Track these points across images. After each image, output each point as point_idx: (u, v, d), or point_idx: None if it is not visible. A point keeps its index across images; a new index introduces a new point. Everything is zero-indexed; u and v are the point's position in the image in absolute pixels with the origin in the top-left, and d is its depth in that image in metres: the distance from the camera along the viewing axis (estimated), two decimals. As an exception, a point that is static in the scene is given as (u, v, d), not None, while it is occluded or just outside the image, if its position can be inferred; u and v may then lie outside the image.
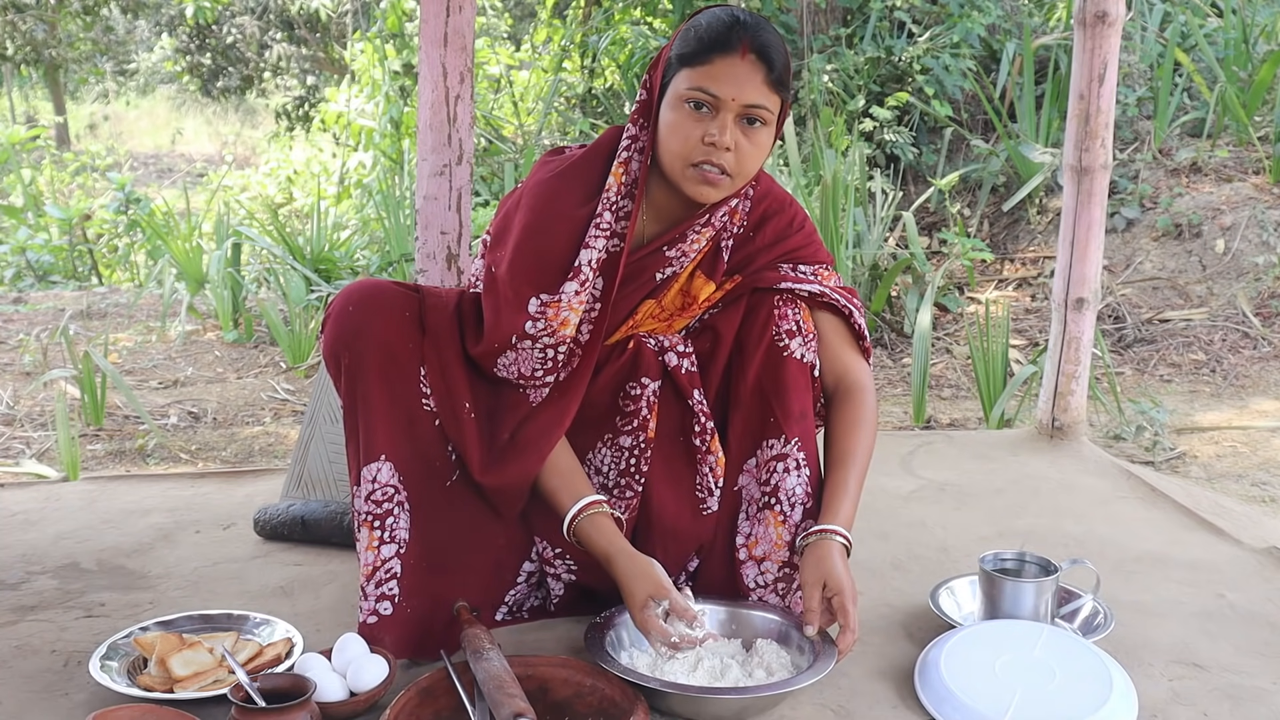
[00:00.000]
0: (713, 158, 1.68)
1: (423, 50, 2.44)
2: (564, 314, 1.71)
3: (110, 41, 13.71)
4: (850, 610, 1.66)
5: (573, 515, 1.73)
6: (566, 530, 1.74)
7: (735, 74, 1.66)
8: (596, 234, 1.72)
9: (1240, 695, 1.70)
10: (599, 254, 1.73)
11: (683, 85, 1.68)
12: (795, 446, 1.81)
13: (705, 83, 1.66)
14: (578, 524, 1.72)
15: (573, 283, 1.71)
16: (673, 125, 1.69)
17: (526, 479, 1.76)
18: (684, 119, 1.68)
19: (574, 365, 1.77)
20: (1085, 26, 2.82)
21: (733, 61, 1.66)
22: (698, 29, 1.69)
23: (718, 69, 1.66)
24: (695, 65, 1.67)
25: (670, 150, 1.70)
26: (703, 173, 1.69)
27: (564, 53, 7.55)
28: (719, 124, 1.67)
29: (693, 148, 1.68)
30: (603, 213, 1.73)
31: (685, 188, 1.71)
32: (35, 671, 1.73)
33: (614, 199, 1.73)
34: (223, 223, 5.78)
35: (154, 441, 3.51)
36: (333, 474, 2.40)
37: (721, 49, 1.66)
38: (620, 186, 1.74)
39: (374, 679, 1.60)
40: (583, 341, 1.77)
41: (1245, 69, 5.80)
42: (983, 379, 3.57)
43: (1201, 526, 2.45)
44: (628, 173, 1.75)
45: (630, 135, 1.76)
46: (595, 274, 1.73)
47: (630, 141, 1.76)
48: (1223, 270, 4.95)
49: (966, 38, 6.14)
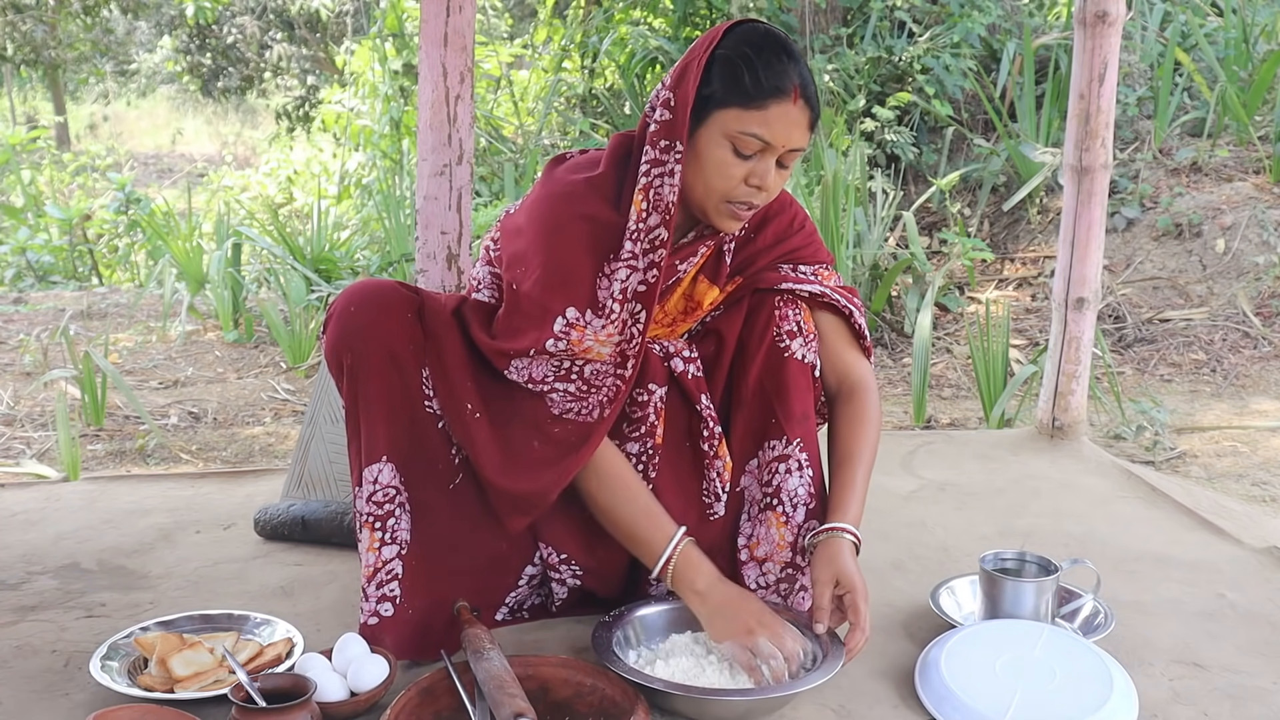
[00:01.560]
0: (752, 199, 1.68)
1: (423, 50, 2.44)
2: (587, 342, 1.68)
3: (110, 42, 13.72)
4: (862, 609, 1.66)
5: (670, 553, 1.70)
6: (660, 570, 1.70)
7: (788, 121, 1.64)
8: (619, 264, 1.68)
9: (1241, 695, 1.70)
10: (630, 285, 1.68)
11: (734, 126, 1.63)
12: (797, 447, 1.80)
13: (760, 130, 1.63)
14: (676, 560, 1.70)
15: (599, 319, 1.68)
16: (716, 163, 1.65)
17: (550, 492, 1.73)
18: (729, 158, 1.65)
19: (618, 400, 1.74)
20: (1085, 26, 2.82)
21: (787, 108, 1.63)
22: (751, 68, 1.62)
23: (773, 115, 1.63)
24: (750, 108, 1.62)
25: (710, 184, 1.67)
26: (735, 210, 1.69)
27: (564, 53, 7.55)
28: (764, 168, 1.66)
29: (735, 188, 1.66)
30: (626, 243, 1.67)
31: (713, 218, 1.71)
32: (36, 671, 1.73)
33: (637, 228, 1.67)
34: (223, 223, 5.79)
35: (154, 441, 3.51)
36: (333, 474, 2.40)
37: (778, 95, 1.62)
38: (641, 214, 1.67)
39: (374, 679, 1.60)
40: (627, 376, 1.73)
41: (1245, 68, 5.80)
42: (983, 379, 3.57)
43: (1202, 526, 2.45)
44: (653, 199, 1.67)
45: (651, 159, 1.67)
46: (622, 305, 1.69)
47: (651, 166, 1.67)
48: (1223, 270, 4.95)
49: (967, 37, 6.15)
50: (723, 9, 6.57)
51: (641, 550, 1.73)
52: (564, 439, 1.73)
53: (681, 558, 1.70)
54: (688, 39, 6.67)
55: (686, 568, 1.70)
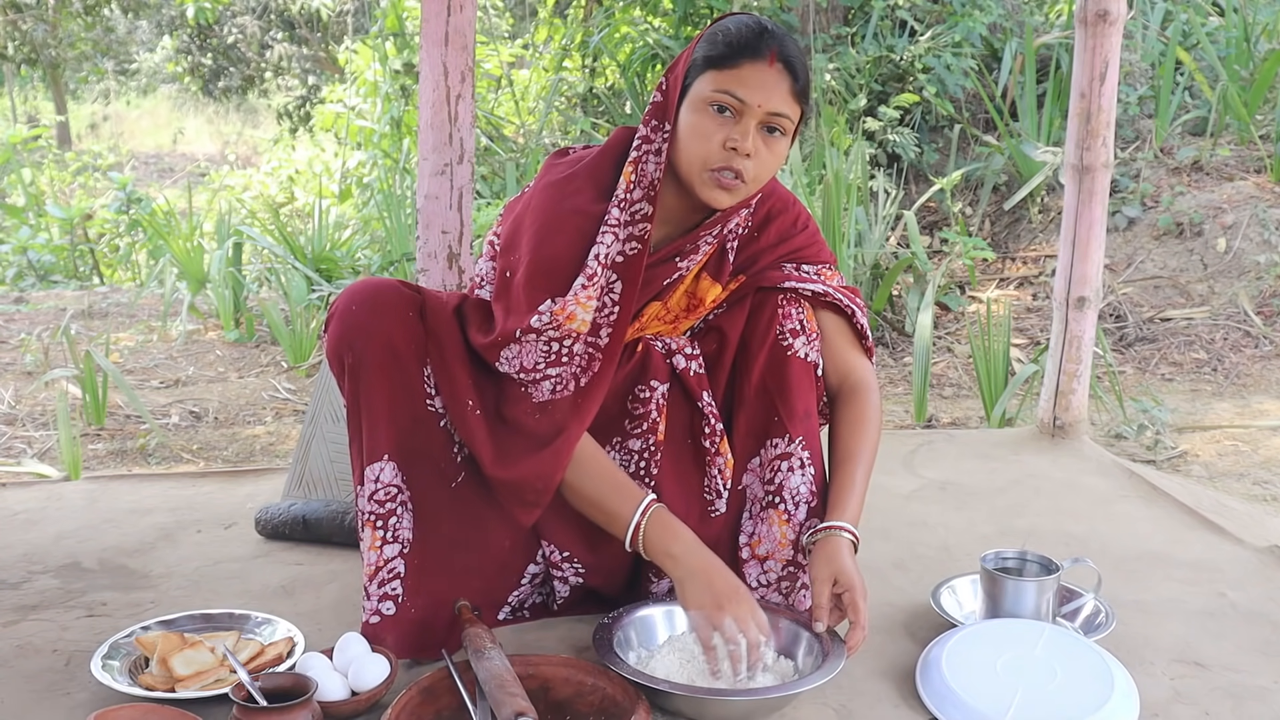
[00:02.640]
0: (733, 163, 1.67)
1: (424, 49, 2.44)
2: (570, 308, 1.68)
3: (111, 41, 13.72)
4: (861, 606, 1.66)
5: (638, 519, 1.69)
6: (631, 538, 1.70)
7: (763, 80, 1.65)
8: (605, 230, 1.70)
9: (1242, 694, 1.70)
10: (610, 253, 1.70)
11: (708, 88, 1.66)
12: (799, 445, 1.81)
13: (732, 86, 1.65)
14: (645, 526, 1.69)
15: (580, 278, 1.69)
16: (694, 127, 1.68)
17: (546, 478, 1.72)
18: (706, 121, 1.67)
19: (594, 370, 1.74)
20: (1086, 25, 2.82)
21: (761, 68, 1.65)
22: (726, 33, 1.68)
23: (745, 74, 1.65)
24: (722, 69, 1.66)
25: (690, 152, 1.68)
26: (719, 177, 1.68)
27: (565, 52, 7.55)
28: (741, 129, 1.66)
29: (713, 151, 1.67)
30: (612, 209, 1.70)
31: (699, 191, 1.70)
32: (37, 671, 1.73)
33: (624, 197, 1.71)
34: (224, 222, 5.78)
35: (155, 441, 3.51)
36: (334, 473, 2.40)
37: (750, 55, 1.65)
38: (630, 185, 1.71)
39: (375, 678, 1.60)
40: (602, 345, 1.74)
41: (1246, 67, 5.80)
42: (984, 378, 3.57)
43: (1203, 525, 2.45)
44: (639, 173, 1.72)
45: (643, 136, 1.73)
46: (605, 271, 1.70)
47: (642, 142, 1.73)
48: (1224, 269, 4.95)
49: (968, 36, 6.14)
50: (723, 8, 6.57)
51: (613, 523, 1.72)
52: (550, 423, 1.72)
53: (652, 522, 1.69)
54: (688, 38, 6.67)
55: (660, 532, 1.69)
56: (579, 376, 1.74)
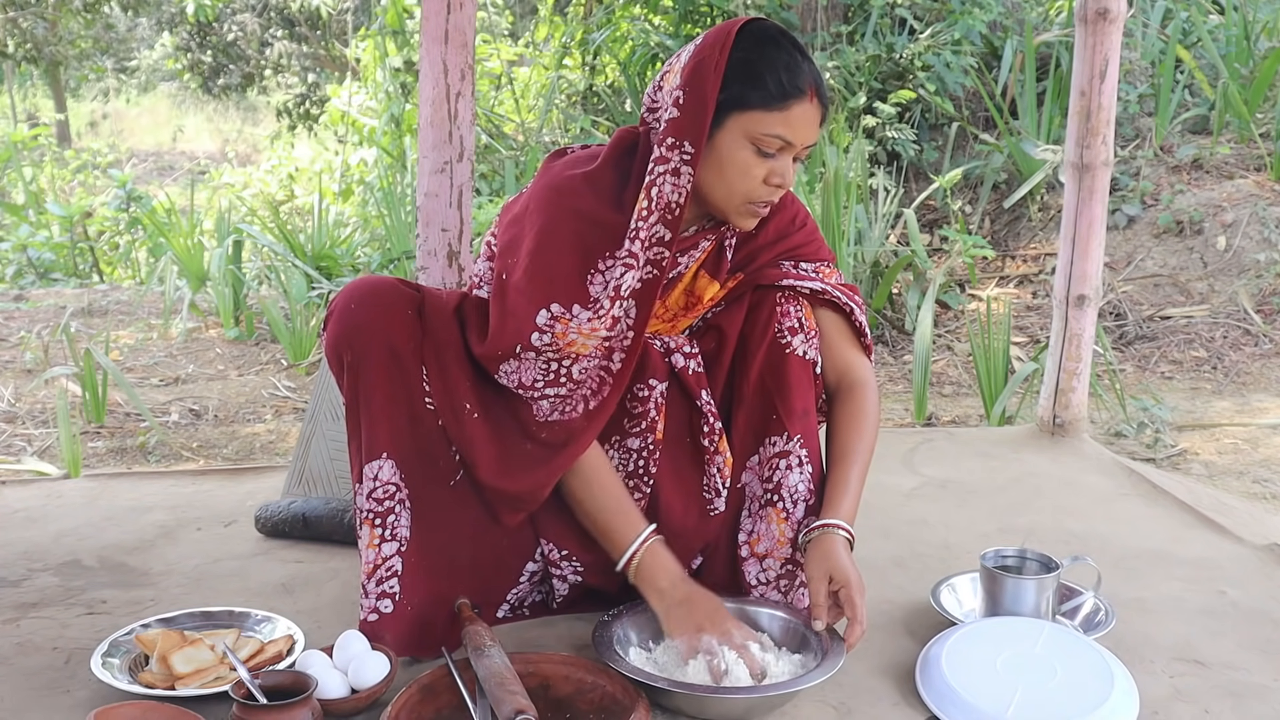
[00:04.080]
0: (772, 197, 1.70)
1: (424, 47, 2.44)
2: (571, 335, 1.67)
3: (111, 39, 13.73)
4: (858, 602, 1.66)
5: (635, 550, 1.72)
6: (624, 565, 1.72)
7: (807, 120, 1.66)
8: (614, 262, 1.67)
9: (1242, 692, 1.70)
10: (625, 283, 1.67)
11: (757, 128, 1.64)
12: (798, 443, 1.80)
13: (784, 130, 1.64)
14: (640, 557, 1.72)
15: (587, 313, 1.67)
16: (739, 164, 1.66)
17: (541, 491, 1.75)
18: (751, 159, 1.66)
19: (604, 394, 1.74)
20: (1087, 23, 2.82)
21: (806, 108, 1.65)
22: (774, 71, 1.63)
23: (794, 116, 1.64)
24: (773, 110, 1.63)
25: (731, 186, 1.68)
26: (755, 209, 1.71)
27: (565, 50, 7.55)
28: (784, 166, 1.67)
29: (757, 188, 1.68)
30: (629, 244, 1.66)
31: (732, 218, 1.72)
32: (37, 669, 1.73)
33: (638, 227, 1.66)
34: (224, 220, 5.79)
35: (155, 439, 3.51)
36: (334, 471, 2.40)
37: (799, 96, 1.64)
38: (645, 213, 1.66)
39: (375, 676, 1.61)
40: (615, 370, 1.74)
41: (1247, 66, 5.80)
42: (984, 376, 3.57)
43: (1203, 524, 2.45)
44: (654, 198, 1.66)
45: (658, 157, 1.65)
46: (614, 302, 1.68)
47: (657, 164, 1.66)
48: (1224, 267, 4.95)
49: (968, 35, 6.14)
50: (723, 6, 6.56)
51: (610, 543, 1.75)
52: (552, 440, 1.74)
53: (648, 554, 1.72)
54: (688, 36, 6.66)
55: (652, 565, 1.72)
56: (588, 400, 1.74)
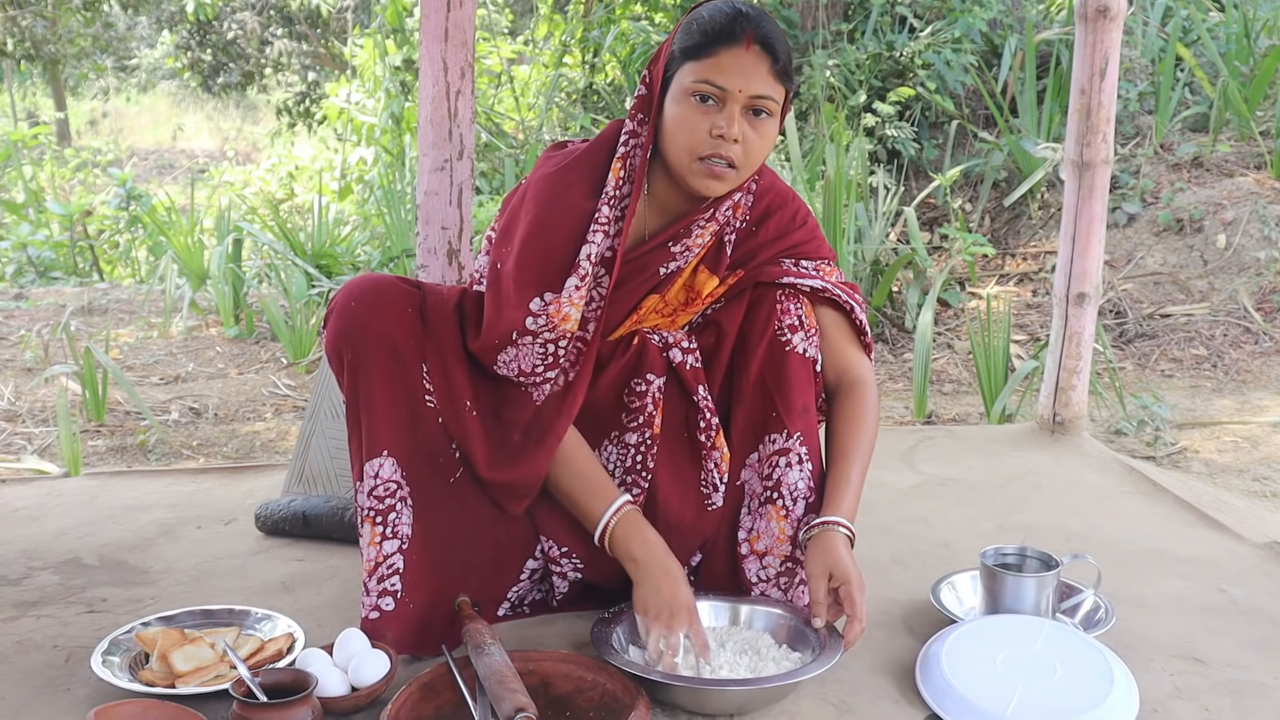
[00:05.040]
0: (721, 150, 1.67)
1: (423, 45, 2.44)
2: (565, 309, 1.70)
3: (111, 37, 13.71)
4: (857, 599, 1.66)
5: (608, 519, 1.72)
6: (600, 536, 1.73)
7: (741, 65, 1.65)
8: (596, 229, 1.71)
9: (1242, 690, 1.70)
10: (600, 249, 1.72)
11: (688, 79, 1.67)
12: (797, 441, 1.80)
13: (712, 75, 1.65)
14: (613, 526, 1.72)
15: (573, 278, 1.70)
16: (679, 119, 1.68)
17: (535, 476, 1.76)
18: (690, 112, 1.67)
19: (579, 365, 1.77)
20: (1087, 21, 2.82)
21: (738, 53, 1.65)
22: (700, 21, 1.68)
23: (723, 61, 1.65)
24: (700, 58, 1.66)
25: (677, 144, 1.69)
26: (709, 166, 1.68)
27: (564, 48, 7.55)
28: (726, 116, 1.66)
29: (700, 141, 1.67)
30: (602, 208, 1.72)
31: (691, 182, 1.71)
32: (37, 667, 1.73)
33: (613, 193, 1.72)
34: (224, 218, 5.79)
35: (155, 437, 3.51)
36: (334, 469, 2.40)
37: (726, 41, 1.65)
38: (619, 181, 1.73)
39: (375, 674, 1.61)
40: (587, 339, 1.76)
41: (1247, 64, 5.79)
42: (984, 374, 3.57)
43: (1203, 522, 2.45)
44: (627, 168, 1.73)
45: (629, 131, 1.74)
46: (595, 268, 1.73)
47: (629, 137, 1.74)
48: (1224, 265, 4.95)
49: (968, 33, 6.14)
50: (723, 4, 6.56)
51: (585, 517, 1.75)
52: (541, 421, 1.75)
53: (621, 523, 1.72)
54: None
55: (627, 534, 1.71)
56: (567, 372, 1.76)
